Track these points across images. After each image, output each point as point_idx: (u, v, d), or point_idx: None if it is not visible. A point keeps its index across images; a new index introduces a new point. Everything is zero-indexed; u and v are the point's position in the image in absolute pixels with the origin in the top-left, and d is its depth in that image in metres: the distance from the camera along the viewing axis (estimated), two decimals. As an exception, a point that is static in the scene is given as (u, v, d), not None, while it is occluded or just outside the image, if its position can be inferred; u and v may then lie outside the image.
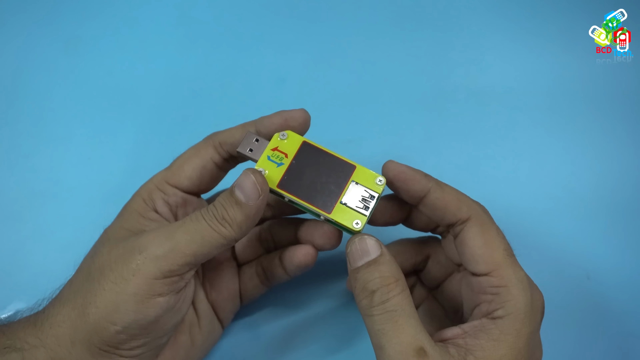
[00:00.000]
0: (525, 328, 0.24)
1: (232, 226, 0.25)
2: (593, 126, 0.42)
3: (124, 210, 0.29)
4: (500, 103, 0.43)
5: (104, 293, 0.24)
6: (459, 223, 0.27)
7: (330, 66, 0.45)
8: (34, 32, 0.46)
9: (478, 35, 0.46)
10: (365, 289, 0.25)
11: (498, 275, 0.25)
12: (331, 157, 0.28)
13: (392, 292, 0.24)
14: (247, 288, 0.32)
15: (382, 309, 0.24)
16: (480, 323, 0.25)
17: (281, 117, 0.28)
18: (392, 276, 0.25)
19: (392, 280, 0.24)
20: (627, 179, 0.40)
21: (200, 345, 0.30)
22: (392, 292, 0.24)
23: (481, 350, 0.23)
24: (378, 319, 0.24)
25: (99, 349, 0.24)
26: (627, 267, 0.37)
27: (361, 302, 0.25)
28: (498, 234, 0.26)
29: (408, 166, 0.28)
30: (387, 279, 0.24)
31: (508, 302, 0.24)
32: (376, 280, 0.24)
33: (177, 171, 0.29)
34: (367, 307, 0.24)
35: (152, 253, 0.24)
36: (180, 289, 0.26)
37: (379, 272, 0.25)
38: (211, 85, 0.44)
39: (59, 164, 0.41)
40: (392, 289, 0.24)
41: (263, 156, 0.28)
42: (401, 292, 0.24)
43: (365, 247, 0.25)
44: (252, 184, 0.25)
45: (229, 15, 0.48)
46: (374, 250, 0.25)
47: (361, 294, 0.25)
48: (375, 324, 0.24)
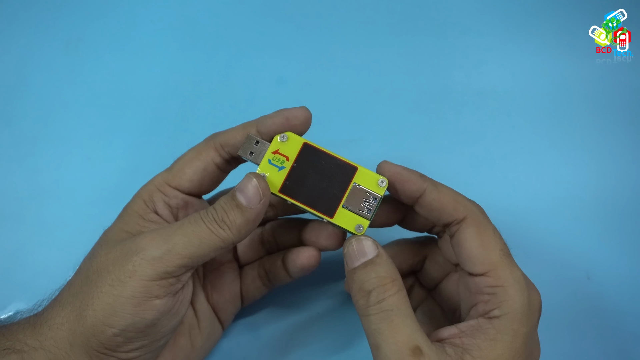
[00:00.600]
0: (523, 328, 0.24)
1: (232, 229, 0.25)
2: (593, 126, 0.42)
3: (123, 212, 0.28)
4: (500, 103, 0.43)
5: (101, 296, 0.24)
6: (455, 223, 0.27)
7: (330, 66, 0.45)
8: (35, 33, 0.46)
9: (478, 35, 0.46)
10: (362, 289, 0.25)
11: (494, 275, 0.25)
12: (332, 159, 0.28)
13: (388, 292, 0.24)
14: (248, 289, 0.32)
15: (378, 309, 0.24)
16: (477, 323, 0.25)
17: (282, 116, 0.28)
18: (388, 276, 0.25)
19: (389, 280, 0.24)
20: (626, 179, 0.40)
21: (200, 347, 0.30)
22: (388, 292, 0.24)
23: (478, 350, 0.23)
24: (374, 319, 0.24)
25: (97, 352, 0.24)
26: (627, 267, 0.37)
27: (358, 302, 0.25)
28: (494, 234, 0.26)
29: (403, 167, 0.27)
30: (383, 279, 0.24)
31: (505, 302, 0.24)
32: (373, 281, 0.24)
33: (178, 173, 0.29)
34: (363, 307, 0.24)
35: (148, 255, 0.24)
36: (177, 291, 0.26)
37: (376, 272, 0.25)
38: (211, 86, 0.44)
39: (59, 164, 0.41)
40: (389, 289, 0.24)
41: (264, 160, 0.28)
42: (397, 292, 0.24)
43: (362, 247, 0.25)
44: (254, 188, 0.25)
45: (228, 16, 0.48)
46: (371, 250, 0.25)
47: (358, 294, 0.25)
48: (371, 323, 0.24)
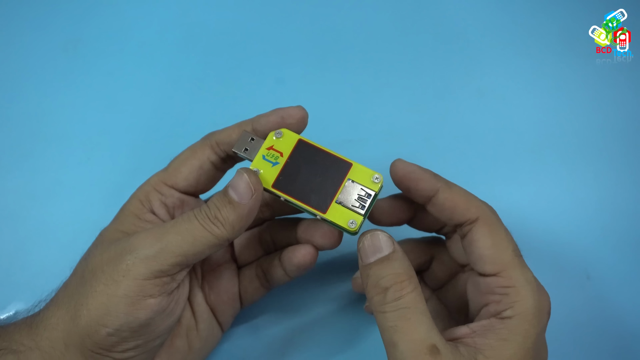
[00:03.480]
0: (533, 329, 0.24)
1: (225, 226, 0.25)
2: (592, 126, 0.42)
3: (120, 212, 0.28)
4: (500, 103, 0.43)
5: (96, 295, 0.24)
6: (467, 223, 0.26)
7: (330, 67, 0.45)
8: (34, 33, 0.46)
9: (478, 35, 0.46)
10: (378, 286, 0.24)
11: (506, 275, 0.25)
12: (327, 155, 0.27)
13: (405, 289, 0.24)
14: (247, 290, 0.32)
15: (395, 306, 0.24)
16: (488, 323, 0.24)
17: (278, 115, 0.28)
18: (404, 273, 0.24)
19: (405, 277, 0.24)
20: (626, 179, 0.40)
21: (198, 350, 0.30)
22: (405, 289, 0.24)
23: (490, 350, 0.23)
24: (390, 316, 0.23)
25: (92, 352, 0.24)
26: (627, 267, 0.37)
27: (373, 298, 0.24)
28: (506, 235, 0.26)
29: (417, 165, 0.27)
30: (400, 275, 0.24)
31: (517, 303, 0.24)
32: (389, 277, 0.24)
33: (174, 172, 0.29)
34: (379, 303, 0.24)
35: (142, 253, 0.24)
36: (172, 290, 0.26)
37: (392, 268, 0.24)
38: (210, 86, 0.44)
39: (59, 164, 0.41)
40: (405, 286, 0.24)
41: (258, 156, 0.27)
42: (414, 290, 0.24)
43: (377, 243, 0.25)
44: (245, 184, 0.25)
45: (228, 16, 0.48)
46: (387, 246, 0.25)
47: (373, 290, 0.24)
48: (387, 320, 0.24)
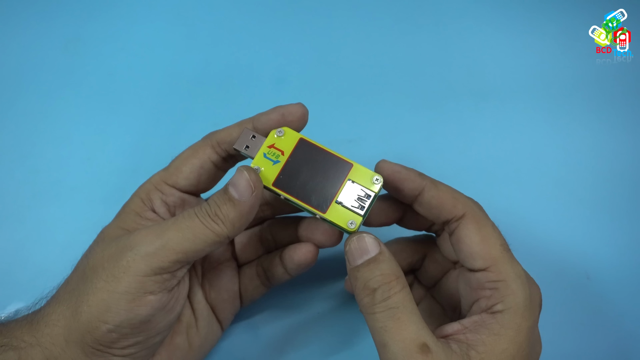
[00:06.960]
0: (525, 322, 0.24)
1: (225, 223, 0.25)
2: (593, 126, 0.42)
3: (121, 210, 0.29)
4: (500, 103, 0.43)
5: (96, 292, 0.24)
6: (455, 220, 0.27)
7: (330, 66, 0.45)
8: (34, 32, 0.46)
9: (478, 35, 0.46)
10: (367, 287, 0.24)
11: (496, 270, 0.25)
12: (328, 155, 0.27)
13: (394, 289, 0.24)
14: (247, 289, 0.32)
15: (384, 307, 0.24)
16: (480, 318, 0.25)
17: (278, 113, 0.28)
18: (392, 274, 0.24)
19: (393, 277, 0.24)
20: (627, 179, 0.40)
21: (198, 347, 0.30)
22: (394, 289, 0.24)
23: (482, 345, 0.23)
24: (380, 317, 0.24)
25: (92, 348, 0.24)
26: (627, 267, 0.37)
27: (362, 300, 0.25)
28: (494, 230, 0.26)
29: (401, 165, 0.27)
30: (387, 276, 0.24)
31: (507, 297, 0.24)
32: (377, 278, 0.24)
33: (175, 171, 0.29)
34: (368, 305, 0.24)
35: (142, 250, 0.24)
36: (172, 287, 0.26)
37: (380, 270, 0.24)
38: (211, 85, 0.44)
39: (59, 164, 0.41)
40: (394, 286, 0.24)
41: (259, 154, 0.27)
42: (402, 289, 0.24)
43: (364, 245, 0.25)
44: (246, 181, 0.25)
45: (228, 15, 0.48)
46: (373, 248, 0.25)
47: (362, 292, 0.25)
48: (377, 321, 0.24)
